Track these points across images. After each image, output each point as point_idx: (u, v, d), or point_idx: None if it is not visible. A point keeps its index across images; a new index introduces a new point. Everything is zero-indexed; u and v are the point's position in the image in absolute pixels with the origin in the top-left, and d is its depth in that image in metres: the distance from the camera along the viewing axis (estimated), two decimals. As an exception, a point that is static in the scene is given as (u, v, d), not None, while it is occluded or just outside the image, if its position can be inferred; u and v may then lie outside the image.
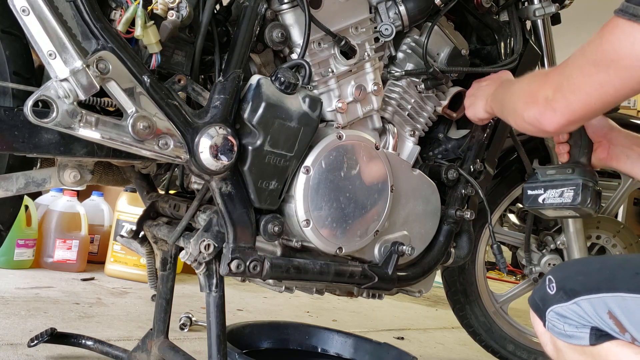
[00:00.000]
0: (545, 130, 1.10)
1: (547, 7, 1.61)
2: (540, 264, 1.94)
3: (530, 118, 1.12)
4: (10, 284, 2.47)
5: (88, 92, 1.05)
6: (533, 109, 1.11)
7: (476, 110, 1.46)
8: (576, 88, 1.02)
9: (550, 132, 1.10)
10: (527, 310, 1.15)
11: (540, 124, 1.10)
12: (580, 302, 1.01)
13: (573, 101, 1.03)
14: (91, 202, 3.26)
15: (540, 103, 1.09)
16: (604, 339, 1.01)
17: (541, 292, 1.09)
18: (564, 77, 1.04)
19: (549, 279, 1.07)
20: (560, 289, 1.04)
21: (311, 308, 2.86)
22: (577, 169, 1.42)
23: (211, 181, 1.20)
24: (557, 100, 1.05)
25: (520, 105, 1.16)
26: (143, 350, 1.54)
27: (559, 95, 1.05)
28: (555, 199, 1.46)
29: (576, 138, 1.45)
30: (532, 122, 1.12)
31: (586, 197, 1.40)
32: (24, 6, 1.01)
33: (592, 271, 1.04)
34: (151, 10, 1.11)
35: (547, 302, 1.07)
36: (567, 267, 1.17)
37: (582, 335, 1.03)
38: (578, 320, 1.02)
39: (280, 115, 1.21)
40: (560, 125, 1.07)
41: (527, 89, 1.15)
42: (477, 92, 1.47)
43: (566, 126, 1.08)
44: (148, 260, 1.55)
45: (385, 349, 1.71)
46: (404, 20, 1.43)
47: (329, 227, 1.30)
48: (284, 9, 1.28)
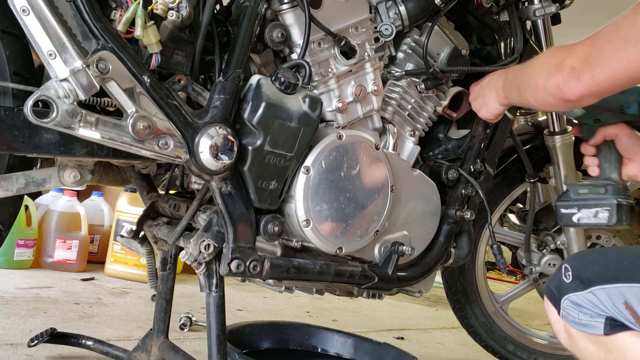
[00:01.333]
0: (567, 98, 1.11)
1: (547, 7, 1.61)
2: (540, 264, 1.94)
3: (552, 87, 1.13)
4: (10, 284, 2.46)
5: (88, 92, 1.05)
6: (557, 78, 1.12)
7: (490, 107, 1.46)
8: (603, 61, 1.02)
9: (572, 100, 1.11)
10: (527, 311, 1.15)
11: (562, 93, 1.11)
12: (596, 292, 1.01)
13: (599, 73, 1.04)
14: (91, 202, 3.26)
15: (565, 72, 1.10)
16: (619, 329, 1.02)
17: (557, 280, 1.09)
18: (593, 48, 1.05)
19: (565, 267, 1.08)
20: (577, 277, 1.05)
21: (311, 308, 2.86)
22: (609, 188, 1.44)
23: (211, 181, 1.20)
24: (584, 70, 1.06)
25: (543, 77, 1.16)
26: (143, 350, 1.54)
27: (586, 65, 1.06)
28: (590, 219, 1.49)
29: (605, 152, 1.46)
30: (553, 91, 1.13)
31: (621, 216, 1.43)
32: (24, 6, 1.01)
33: (609, 261, 1.05)
34: (151, 10, 1.11)
35: (562, 290, 1.07)
36: (583, 256, 1.17)
37: (596, 324, 1.03)
38: (593, 309, 1.03)
39: (280, 115, 1.21)
40: (582, 94, 1.09)
41: (551, 61, 1.16)
42: (483, 91, 1.47)
43: (588, 97, 1.09)
44: (148, 260, 1.55)
45: (385, 349, 1.71)
46: (404, 20, 1.43)
47: (329, 227, 1.30)
48: (284, 9, 1.28)
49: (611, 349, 1.02)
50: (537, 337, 2.06)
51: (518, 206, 2.06)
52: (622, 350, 1.01)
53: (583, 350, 1.08)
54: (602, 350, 1.04)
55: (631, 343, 1.00)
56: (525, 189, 1.98)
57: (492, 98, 1.43)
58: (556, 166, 1.79)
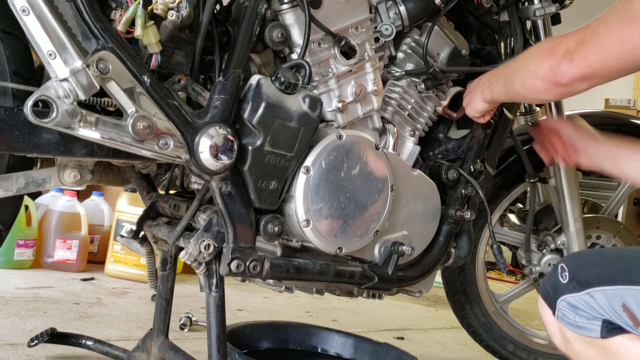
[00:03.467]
0: (558, 81, 1.09)
1: (547, 7, 1.61)
2: (540, 264, 1.93)
3: (543, 71, 1.11)
4: (10, 284, 2.46)
5: (88, 92, 1.05)
6: (549, 61, 1.10)
7: (474, 103, 1.44)
8: (597, 41, 1.01)
9: (562, 84, 1.09)
10: (527, 311, 1.14)
11: (553, 76, 1.09)
12: (593, 293, 0.99)
13: (591, 54, 1.02)
14: (91, 202, 3.26)
15: (559, 54, 1.08)
16: (616, 332, 1.00)
17: (553, 280, 1.07)
18: (589, 30, 1.04)
19: (561, 267, 1.05)
20: (573, 278, 1.03)
21: (311, 308, 2.86)
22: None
23: (211, 181, 1.20)
24: (578, 52, 1.05)
25: (535, 62, 1.14)
26: (143, 350, 1.54)
27: (580, 47, 1.04)
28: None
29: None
30: (544, 75, 1.11)
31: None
32: (24, 6, 1.01)
33: (607, 262, 1.03)
34: (151, 10, 1.11)
35: (558, 291, 1.05)
36: (581, 256, 1.14)
37: (593, 327, 1.01)
38: (590, 311, 1.01)
39: (280, 115, 1.21)
40: (573, 77, 1.06)
41: (545, 45, 1.15)
42: (472, 88, 1.46)
43: (580, 80, 1.07)
44: (148, 260, 1.55)
45: (385, 349, 1.71)
46: (404, 20, 1.43)
47: (329, 227, 1.30)
48: (284, 9, 1.28)
49: (608, 352, 1.01)
50: (537, 337, 2.06)
51: (518, 206, 2.06)
52: (619, 354, 1.00)
53: (579, 353, 1.06)
54: (599, 354, 1.02)
55: (628, 347, 0.99)
56: (525, 189, 1.98)
57: (477, 94, 1.42)
58: (556, 166, 1.80)
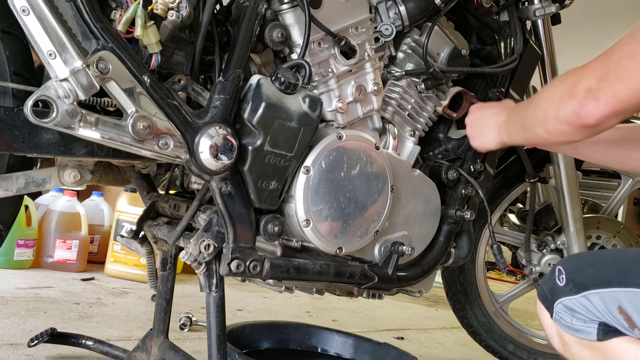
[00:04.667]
0: (586, 123, 0.99)
1: (547, 7, 1.61)
2: (540, 264, 1.93)
3: (566, 114, 1.01)
4: (10, 284, 2.46)
5: (88, 92, 1.05)
6: (571, 103, 1.00)
7: (485, 140, 1.36)
8: (626, 75, 0.92)
9: (591, 125, 0.99)
10: (527, 311, 1.15)
11: (579, 118, 0.99)
12: (589, 296, 0.99)
13: (620, 89, 0.93)
14: (91, 202, 3.26)
15: (580, 94, 0.98)
16: (612, 335, 1.00)
17: (550, 282, 1.07)
18: (611, 64, 0.95)
19: (558, 270, 1.05)
20: (570, 281, 1.03)
21: (311, 308, 2.86)
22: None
23: (211, 181, 1.20)
24: (602, 89, 0.95)
25: (554, 105, 1.04)
26: (143, 350, 1.54)
27: (605, 84, 0.95)
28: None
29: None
30: (569, 119, 1.01)
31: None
32: (24, 6, 1.01)
33: (604, 264, 1.03)
34: (151, 10, 1.11)
35: (555, 294, 1.05)
36: (578, 258, 1.14)
37: (589, 330, 1.02)
38: (586, 314, 1.01)
39: (280, 115, 1.21)
40: (603, 116, 0.96)
41: (561, 86, 1.04)
42: (483, 122, 1.38)
43: (610, 118, 0.97)
44: (148, 260, 1.55)
45: (385, 349, 1.71)
46: (404, 20, 1.43)
47: (328, 227, 1.30)
48: (284, 9, 1.28)
49: (605, 355, 1.01)
50: (537, 337, 2.06)
51: (518, 206, 2.06)
52: (615, 356, 1.00)
53: (577, 355, 1.06)
54: (596, 356, 1.02)
55: (624, 349, 0.99)
56: (525, 189, 1.98)
57: (491, 133, 1.34)
58: (556, 166, 1.80)
